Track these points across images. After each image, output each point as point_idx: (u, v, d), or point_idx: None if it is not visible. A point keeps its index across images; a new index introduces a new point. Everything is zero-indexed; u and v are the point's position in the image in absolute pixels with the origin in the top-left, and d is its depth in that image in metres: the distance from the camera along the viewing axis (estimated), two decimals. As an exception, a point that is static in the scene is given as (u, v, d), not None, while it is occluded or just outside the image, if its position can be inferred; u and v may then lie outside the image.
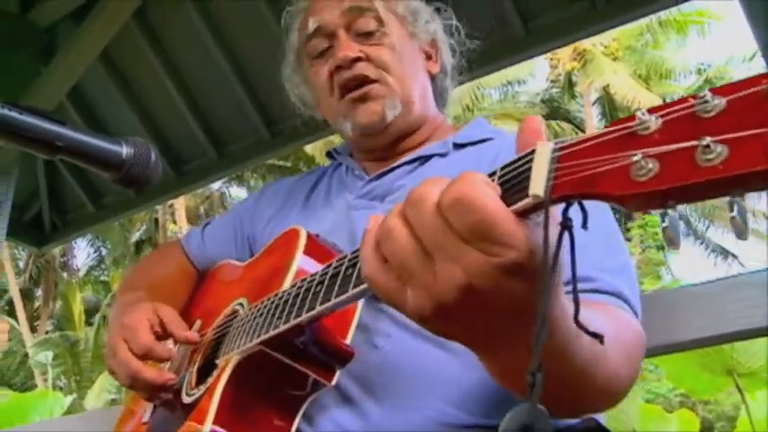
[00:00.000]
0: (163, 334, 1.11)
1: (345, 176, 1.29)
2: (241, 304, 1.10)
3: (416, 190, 0.57)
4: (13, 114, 0.74)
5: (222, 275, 1.32)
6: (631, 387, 0.86)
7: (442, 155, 1.21)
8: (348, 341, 0.95)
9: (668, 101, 0.49)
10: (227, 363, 0.98)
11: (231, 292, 1.18)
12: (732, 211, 0.46)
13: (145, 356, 1.06)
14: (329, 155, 1.39)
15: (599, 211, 0.96)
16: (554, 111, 21.30)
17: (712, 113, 0.44)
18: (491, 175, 0.58)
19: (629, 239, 21.28)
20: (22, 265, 23.81)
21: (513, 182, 0.56)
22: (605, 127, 0.51)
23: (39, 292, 24.71)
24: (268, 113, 3.11)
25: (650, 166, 0.46)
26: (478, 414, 0.95)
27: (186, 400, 1.06)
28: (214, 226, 1.45)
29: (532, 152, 0.55)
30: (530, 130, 0.57)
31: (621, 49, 20.22)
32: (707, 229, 22.58)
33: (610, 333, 0.69)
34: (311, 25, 1.24)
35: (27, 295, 23.53)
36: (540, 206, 0.53)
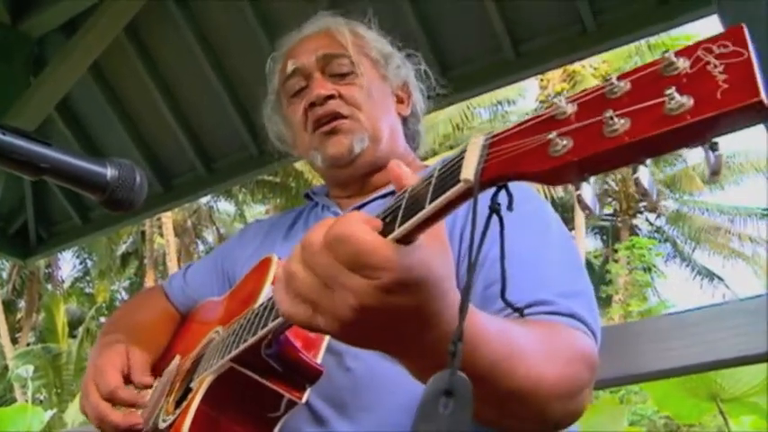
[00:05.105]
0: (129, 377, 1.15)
1: (321, 213, 1.35)
2: (217, 332, 1.12)
3: (307, 236, 0.69)
4: (-3, 135, 0.72)
5: (202, 312, 1.35)
6: (571, 401, 0.85)
7: None
8: (318, 362, 0.97)
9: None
10: (201, 384, 0.99)
11: (209, 325, 1.19)
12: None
13: (109, 398, 1.09)
14: (307, 196, 1.46)
15: (558, 238, 1.07)
16: (543, 131, 21.36)
17: (618, 94, 0.51)
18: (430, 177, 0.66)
19: (616, 261, 21.36)
20: (5, 275, 23.56)
21: (446, 173, 0.62)
22: (528, 116, 0.57)
23: (22, 304, 24.42)
24: (257, 130, 3.10)
25: (564, 142, 0.52)
26: None
27: (162, 426, 1.07)
28: (196, 268, 1.49)
29: (467, 144, 0.61)
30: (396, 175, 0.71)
31: (611, 71, 20.40)
32: (693, 252, 22.72)
33: (535, 339, 0.83)
34: (290, 67, 1.33)
35: (9, 306, 23.24)
36: (471, 192, 0.58)
